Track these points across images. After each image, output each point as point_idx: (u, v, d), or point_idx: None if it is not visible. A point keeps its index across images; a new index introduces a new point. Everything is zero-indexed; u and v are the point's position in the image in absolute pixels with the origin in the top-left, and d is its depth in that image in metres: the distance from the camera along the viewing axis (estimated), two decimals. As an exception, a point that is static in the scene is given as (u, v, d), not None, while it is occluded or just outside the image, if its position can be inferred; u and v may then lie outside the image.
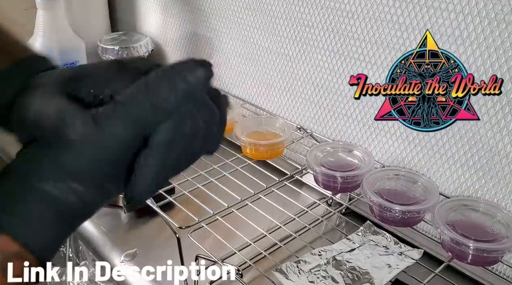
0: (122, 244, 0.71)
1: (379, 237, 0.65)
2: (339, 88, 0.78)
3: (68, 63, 0.95)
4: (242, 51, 0.93)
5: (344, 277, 0.57)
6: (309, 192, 0.78)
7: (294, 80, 0.85)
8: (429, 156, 0.70)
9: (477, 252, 0.55)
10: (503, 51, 0.58)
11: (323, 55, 0.79)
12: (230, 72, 0.98)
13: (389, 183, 0.66)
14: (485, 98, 0.61)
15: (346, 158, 0.72)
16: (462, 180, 0.67)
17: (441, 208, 0.60)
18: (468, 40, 0.60)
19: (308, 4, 0.77)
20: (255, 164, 0.77)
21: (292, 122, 0.88)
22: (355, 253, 0.61)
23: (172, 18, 1.08)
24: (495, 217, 0.60)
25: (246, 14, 0.89)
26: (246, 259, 0.63)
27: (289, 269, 0.58)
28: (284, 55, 0.85)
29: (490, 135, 0.62)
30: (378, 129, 0.75)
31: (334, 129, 0.82)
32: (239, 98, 0.97)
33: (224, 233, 0.65)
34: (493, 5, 0.57)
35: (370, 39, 0.71)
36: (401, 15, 0.66)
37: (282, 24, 0.83)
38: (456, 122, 0.65)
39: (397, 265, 0.59)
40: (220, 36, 0.97)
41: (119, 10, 1.23)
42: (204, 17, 0.99)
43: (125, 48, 1.06)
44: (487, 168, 0.64)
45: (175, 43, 1.10)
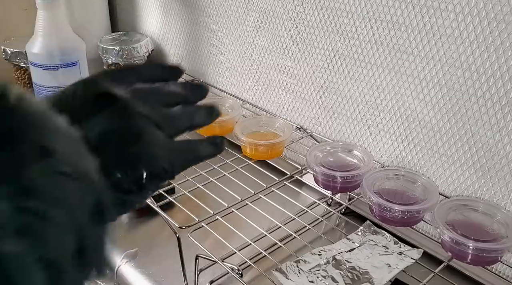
0: (122, 244, 0.71)
1: (379, 237, 0.65)
2: (339, 88, 0.78)
3: (68, 63, 0.95)
4: (242, 51, 0.93)
5: (344, 277, 0.57)
6: (309, 192, 0.78)
7: (294, 80, 0.85)
8: (428, 156, 0.70)
9: (476, 252, 0.55)
10: (503, 51, 0.58)
11: (323, 55, 0.79)
12: (230, 72, 0.98)
13: (388, 183, 0.66)
14: (484, 97, 0.61)
15: (346, 158, 0.72)
16: (462, 180, 0.67)
17: (440, 208, 0.60)
18: (468, 40, 0.60)
19: (308, 4, 0.78)
20: (255, 164, 0.77)
21: (292, 122, 0.88)
22: (355, 253, 0.61)
23: (172, 18, 1.08)
24: (494, 217, 0.60)
25: (246, 14, 0.89)
26: (246, 259, 0.63)
27: (289, 269, 0.58)
28: (284, 55, 0.85)
29: (490, 135, 0.62)
30: (378, 129, 0.75)
31: (334, 129, 0.82)
32: (239, 98, 0.97)
33: (224, 233, 0.65)
34: (493, 5, 0.57)
35: (370, 39, 0.71)
36: (401, 15, 0.66)
37: (282, 24, 0.83)
38: (456, 122, 0.65)
39: (397, 265, 0.59)
40: (220, 36, 0.97)
41: (119, 10, 1.23)
42: (204, 17, 0.99)
43: (125, 48, 1.06)
44: (487, 168, 0.64)
45: (175, 43, 1.10)
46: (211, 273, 0.64)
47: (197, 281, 0.63)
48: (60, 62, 0.94)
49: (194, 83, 0.42)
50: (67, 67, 0.95)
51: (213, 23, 0.97)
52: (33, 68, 0.96)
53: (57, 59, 0.94)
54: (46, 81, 0.96)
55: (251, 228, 0.66)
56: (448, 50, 0.63)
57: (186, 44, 1.07)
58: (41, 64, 0.94)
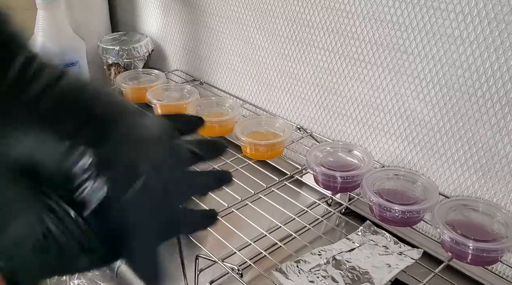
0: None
1: (379, 237, 0.65)
2: (339, 88, 0.78)
3: (68, 63, 0.95)
4: (242, 51, 0.93)
5: (344, 277, 0.57)
6: (309, 192, 0.78)
7: (294, 80, 0.85)
8: (428, 156, 0.70)
9: (476, 252, 0.55)
10: (502, 51, 0.58)
11: (323, 55, 0.79)
12: (230, 72, 0.98)
13: (388, 183, 0.66)
14: (485, 97, 0.61)
15: (346, 158, 0.72)
16: (462, 180, 0.67)
17: (440, 208, 0.60)
18: (468, 40, 0.60)
19: (308, 4, 0.78)
20: (255, 164, 0.77)
21: (292, 122, 0.88)
22: (355, 253, 0.61)
23: (172, 18, 1.08)
24: (494, 217, 0.60)
25: (246, 14, 0.89)
26: (246, 259, 0.63)
27: (289, 269, 0.58)
28: (284, 55, 0.85)
29: (490, 135, 0.62)
30: (378, 129, 0.75)
31: (334, 129, 0.82)
32: (239, 98, 0.97)
33: (224, 233, 0.65)
34: (493, 5, 0.57)
35: (370, 39, 0.71)
36: (401, 15, 0.66)
37: (282, 24, 0.83)
38: (456, 122, 0.65)
39: (397, 265, 0.59)
40: (220, 36, 0.97)
41: (119, 10, 1.23)
42: (204, 17, 0.99)
43: (125, 48, 1.06)
44: (487, 168, 0.64)
45: (175, 43, 1.10)
46: (211, 273, 0.64)
47: (197, 281, 0.63)
48: (60, 62, 0.94)
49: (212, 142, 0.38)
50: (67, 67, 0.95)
51: (213, 23, 0.97)
52: (33, 68, 0.96)
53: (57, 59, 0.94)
54: (46, 81, 0.96)
55: (251, 228, 0.66)
56: (448, 50, 0.63)
57: (186, 44, 1.07)
58: (41, 64, 0.94)
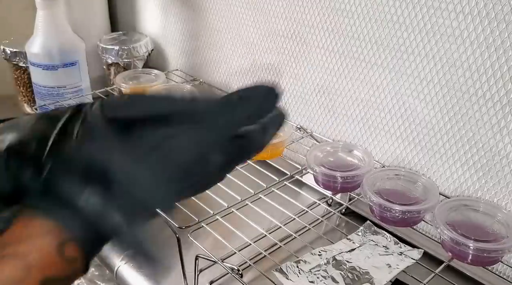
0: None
1: (379, 237, 0.65)
2: (339, 88, 0.78)
3: (67, 63, 0.95)
4: (242, 51, 0.93)
5: (344, 277, 0.57)
6: (309, 192, 0.78)
7: (294, 79, 0.85)
8: (429, 156, 0.70)
9: (477, 252, 0.55)
10: (503, 51, 0.58)
11: (323, 54, 0.79)
12: (230, 72, 0.98)
13: (389, 183, 0.66)
14: (485, 97, 0.61)
15: (346, 158, 0.72)
16: (462, 180, 0.67)
17: (441, 208, 0.60)
18: (468, 40, 0.60)
19: (308, 4, 0.77)
20: (255, 164, 0.77)
21: (292, 122, 0.88)
22: (355, 253, 0.61)
23: (172, 18, 1.08)
24: (495, 217, 0.59)
25: (246, 14, 0.89)
26: (246, 259, 0.63)
27: (289, 269, 0.58)
28: (284, 55, 0.85)
29: (490, 135, 0.62)
30: (378, 129, 0.75)
31: (334, 129, 0.82)
32: (239, 98, 0.97)
33: (224, 233, 0.65)
34: (493, 5, 0.57)
35: (370, 39, 0.71)
36: (401, 15, 0.66)
37: (282, 23, 0.83)
38: (456, 122, 0.65)
39: (397, 265, 0.59)
40: (220, 36, 0.97)
41: (119, 10, 1.23)
42: (204, 17, 0.99)
43: (125, 48, 1.06)
44: (487, 168, 0.64)
45: (175, 43, 1.10)
46: (211, 273, 0.64)
47: (197, 281, 0.62)
48: (60, 62, 0.94)
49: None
50: (66, 67, 0.95)
51: (213, 23, 0.97)
52: (32, 68, 0.96)
53: (57, 59, 0.94)
54: (46, 81, 0.96)
55: (251, 228, 0.66)
56: (448, 50, 0.63)
57: (186, 44, 1.07)
58: (41, 64, 0.94)
